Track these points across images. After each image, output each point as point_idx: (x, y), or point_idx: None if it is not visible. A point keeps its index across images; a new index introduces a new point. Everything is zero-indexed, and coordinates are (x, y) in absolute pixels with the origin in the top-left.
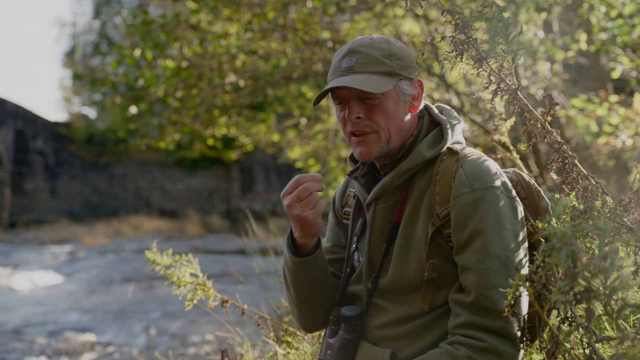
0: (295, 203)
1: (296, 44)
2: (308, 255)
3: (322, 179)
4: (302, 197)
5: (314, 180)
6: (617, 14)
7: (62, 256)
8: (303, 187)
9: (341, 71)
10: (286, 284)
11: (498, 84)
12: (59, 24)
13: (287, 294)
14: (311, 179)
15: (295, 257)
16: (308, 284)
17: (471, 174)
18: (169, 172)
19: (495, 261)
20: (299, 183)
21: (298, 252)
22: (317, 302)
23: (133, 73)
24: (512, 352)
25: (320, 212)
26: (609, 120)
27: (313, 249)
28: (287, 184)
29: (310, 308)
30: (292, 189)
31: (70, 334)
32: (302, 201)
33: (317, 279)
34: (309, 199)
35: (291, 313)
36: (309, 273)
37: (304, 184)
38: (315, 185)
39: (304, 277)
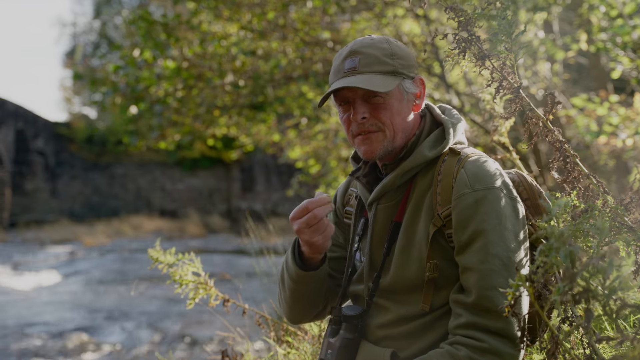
0: (304, 229)
1: (296, 44)
2: (313, 270)
3: (330, 200)
4: (311, 224)
5: (323, 204)
6: (617, 13)
7: (63, 256)
8: (312, 215)
9: (344, 72)
10: (282, 283)
11: (500, 82)
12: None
13: (279, 289)
14: (320, 204)
15: (300, 270)
16: (307, 293)
17: (473, 175)
18: (169, 172)
19: (496, 262)
20: (307, 210)
21: (304, 265)
22: (310, 303)
23: (133, 74)
24: (512, 353)
25: (330, 235)
26: (610, 120)
27: (318, 265)
28: (296, 208)
29: (302, 308)
30: (301, 215)
31: (71, 334)
32: (312, 227)
33: (317, 288)
34: (318, 225)
35: (279, 304)
36: (309, 284)
37: (312, 210)
38: (324, 210)
39: (305, 288)
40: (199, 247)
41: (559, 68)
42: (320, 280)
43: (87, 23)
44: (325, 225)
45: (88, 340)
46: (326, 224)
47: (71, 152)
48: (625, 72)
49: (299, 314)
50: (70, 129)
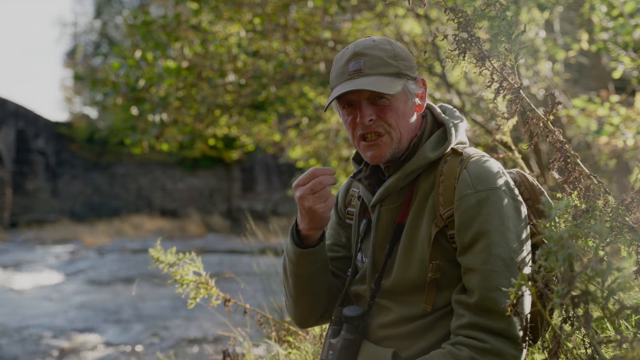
0: (308, 195)
1: (297, 44)
2: (311, 247)
3: (335, 172)
4: (316, 190)
5: (328, 174)
6: (619, 13)
7: (64, 256)
8: (317, 180)
9: (349, 74)
10: (285, 274)
11: (500, 83)
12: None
13: (284, 285)
14: (325, 173)
15: (298, 247)
16: (308, 277)
17: (475, 175)
18: (170, 171)
19: (498, 262)
20: (313, 175)
21: (301, 243)
22: (315, 296)
23: (134, 74)
24: (514, 353)
25: (331, 206)
26: (610, 120)
27: (317, 242)
28: (301, 175)
29: (307, 301)
30: (306, 181)
31: (72, 334)
32: (315, 194)
33: (317, 272)
34: (322, 192)
35: (286, 305)
36: (310, 265)
37: (318, 177)
38: (329, 180)
39: (305, 270)
40: (199, 247)
41: (560, 68)
42: (319, 263)
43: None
44: (328, 193)
45: (88, 340)
46: (329, 192)
47: (72, 151)
48: (626, 71)
49: (306, 311)
50: (71, 129)
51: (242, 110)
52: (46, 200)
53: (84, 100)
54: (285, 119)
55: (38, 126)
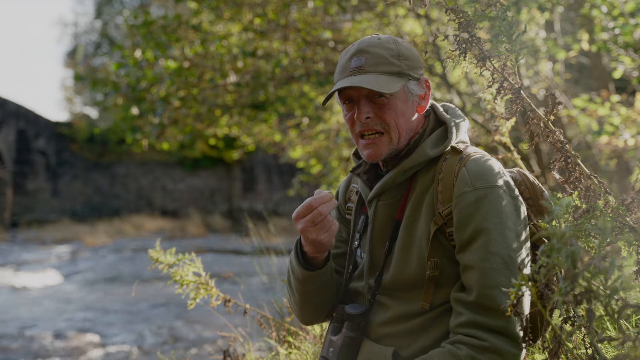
0: (309, 228)
1: (298, 44)
2: (318, 269)
3: (332, 196)
4: (317, 222)
5: (326, 201)
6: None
7: (64, 256)
8: (316, 213)
9: (350, 71)
10: (290, 287)
11: (501, 83)
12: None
13: (289, 294)
14: (322, 201)
15: (305, 270)
16: (314, 292)
17: (474, 173)
18: (170, 171)
19: (497, 260)
20: (311, 207)
21: (308, 265)
22: (320, 304)
23: (134, 74)
24: (514, 352)
25: (335, 232)
26: (611, 120)
27: (323, 263)
28: (298, 207)
29: (313, 309)
30: (305, 213)
31: (72, 334)
32: (317, 225)
33: (324, 287)
34: (323, 223)
35: (291, 308)
36: (317, 283)
37: (316, 208)
38: (328, 207)
39: (312, 287)
40: (200, 247)
41: (560, 68)
42: (326, 278)
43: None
44: (330, 223)
45: (89, 340)
46: (331, 221)
47: (72, 151)
48: (626, 71)
49: (311, 315)
50: (72, 129)
51: (243, 110)
52: (47, 200)
53: (85, 100)
54: (285, 119)
55: (39, 126)
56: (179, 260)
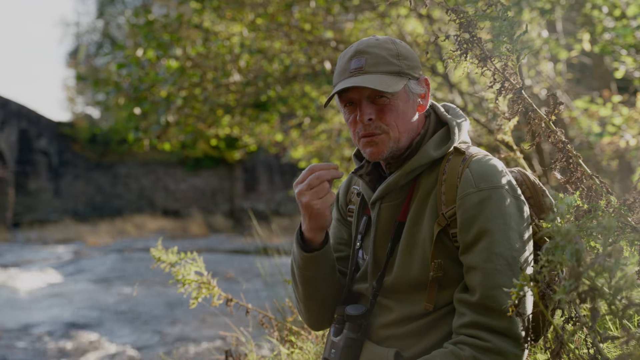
0: (305, 191)
1: (300, 44)
2: (316, 250)
3: (337, 167)
4: (313, 186)
5: (327, 168)
6: (621, 13)
7: (66, 256)
8: (315, 175)
9: (350, 72)
10: (294, 280)
11: (502, 83)
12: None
13: (294, 291)
14: (323, 167)
15: (303, 252)
16: (316, 281)
17: (478, 174)
18: (172, 171)
19: (500, 261)
20: (312, 171)
21: (306, 246)
22: (325, 300)
23: (136, 73)
24: (516, 352)
25: (329, 203)
26: (613, 121)
27: (321, 245)
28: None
29: (318, 306)
30: (305, 178)
31: (74, 333)
32: (312, 189)
33: (325, 276)
34: (319, 187)
35: (297, 310)
36: (317, 269)
37: (316, 172)
38: (327, 174)
39: (312, 274)
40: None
41: (562, 68)
42: (327, 266)
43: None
44: (325, 189)
45: (90, 339)
46: (327, 188)
47: (74, 151)
48: (628, 71)
49: (318, 316)
50: (74, 129)
51: (245, 110)
52: (48, 200)
53: (87, 100)
54: (287, 119)
55: (40, 126)
56: (181, 259)
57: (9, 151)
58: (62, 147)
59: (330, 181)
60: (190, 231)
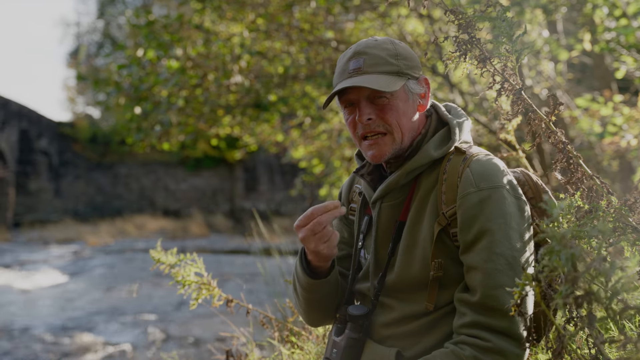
0: (309, 237)
1: (300, 44)
2: (323, 277)
3: (339, 205)
4: (316, 232)
5: (328, 210)
6: (621, 13)
7: (67, 256)
8: (316, 222)
9: (349, 73)
10: (295, 293)
11: (502, 84)
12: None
13: (295, 300)
14: (325, 210)
15: (309, 278)
16: (320, 299)
17: (478, 174)
18: (172, 171)
19: (501, 261)
20: (312, 217)
21: (313, 274)
22: (326, 309)
23: (137, 73)
24: (517, 352)
25: (335, 243)
26: (614, 121)
27: (327, 272)
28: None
29: (318, 314)
30: (306, 222)
31: (75, 334)
32: (317, 235)
33: (329, 293)
34: (323, 233)
35: (297, 311)
36: (322, 291)
37: (317, 217)
38: (328, 217)
39: (317, 295)
40: (202, 247)
41: (562, 68)
42: (332, 285)
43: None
44: (329, 234)
45: (91, 340)
46: (331, 232)
47: (75, 151)
48: (629, 71)
49: (317, 319)
50: (74, 129)
51: (245, 110)
52: (49, 200)
53: (87, 100)
54: (287, 119)
55: (41, 126)
56: (181, 260)
57: (9, 151)
58: (63, 147)
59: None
60: (191, 231)
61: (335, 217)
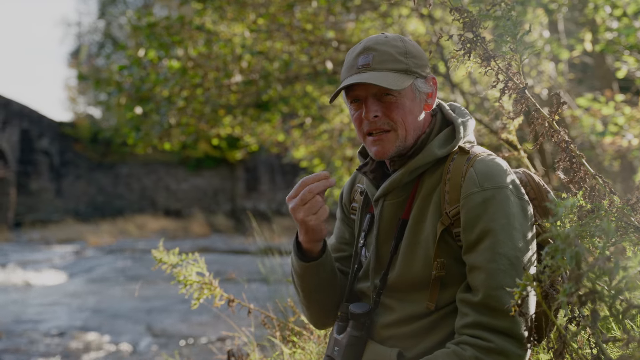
0: (299, 207)
1: (301, 44)
2: (314, 260)
3: (328, 176)
4: (306, 200)
5: (319, 180)
6: (622, 12)
7: (68, 256)
8: (307, 189)
9: (357, 68)
10: (294, 285)
11: (505, 83)
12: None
13: (296, 292)
14: (316, 180)
15: (301, 261)
16: (316, 287)
17: (482, 174)
18: (174, 171)
19: (504, 261)
20: (303, 185)
21: (304, 257)
22: (326, 304)
23: (138, 74)
24: (519, 353)
25: (323, 217)
26: (615, 120)
27: (319, 254)
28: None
29: (319, 309)
30: (297, 192)
31: (76, 334)
32: (306, 205)
33: (325, 281)
34: (312, 202)
35: (300, 312)
36: (316, 277)
37: (308, 185)
38: (319, 186)
39: (312, 281)
40: (203, 247)
41: (564, 67)
42: (326, 273)
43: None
44: (319, 204)
45: (93, 340)
46: (320, 202)
47: (76, 151)
48: (630, 71)
49: (320, 317)
50: (75, 129)
51: (246, 110)
52: (50, 200)
53: (88, 100)
54: (288, 119)
55: (42, 126)
56: (183, 260)
57: (10, 151)
58: (64, 147)
59: (322, 193)
60: (192, 231)
61: (326, 187)
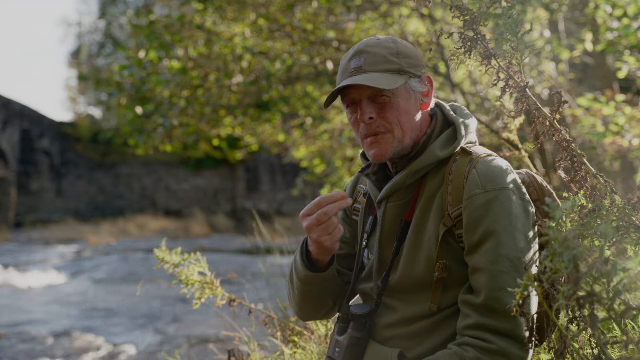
0: (314, 227)
1: (302, 44)
2: (322, 271)
3: (345, 195)
4: (322, 222)
5: (335, 200)
6: (623, 12)
7: (68, 255)
8: (322, 212)
9: (350, 72)
10: (291, 283)
11: (506, 81)
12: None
13: (289, 286)
14: (332, 200)
15: (308, 271)
16: (315, 293)
17: (484, 175)
18: (174, 171)
19: (506, 262)
20: (319, 206)
21: (312, 266)
22: (319, 304)
23: (138, 74)
24: (520, 354)
25: (338, 237)
26: (615, 120)
27: (327, 266)
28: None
29: (310, 308)
30: (313, 211)
31: (76, 334)
32: (321, 226)
33: (325, 288)
34: (328, 223)
35: (289, 301)
36: (319, 285)
37: (323, 207)
38: (335, 208)
39: (313, 288)
40: (204, 247)
41: (564, 67)
42: (328, 281)
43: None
44: (334, 225)
45: (92, 339)
46: (335, 223)
47: (76, 151)
48: (631, 71)
49: (308, 312)
50: (76, 129)
51: (246, 110)
52: (50, 200)
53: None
54: (289, 119)
55: (42, 126)
56: (184, 260)
57: (11, 151)
58: (64, 147)
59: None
60: (192, 231)
61: (342, 208)
